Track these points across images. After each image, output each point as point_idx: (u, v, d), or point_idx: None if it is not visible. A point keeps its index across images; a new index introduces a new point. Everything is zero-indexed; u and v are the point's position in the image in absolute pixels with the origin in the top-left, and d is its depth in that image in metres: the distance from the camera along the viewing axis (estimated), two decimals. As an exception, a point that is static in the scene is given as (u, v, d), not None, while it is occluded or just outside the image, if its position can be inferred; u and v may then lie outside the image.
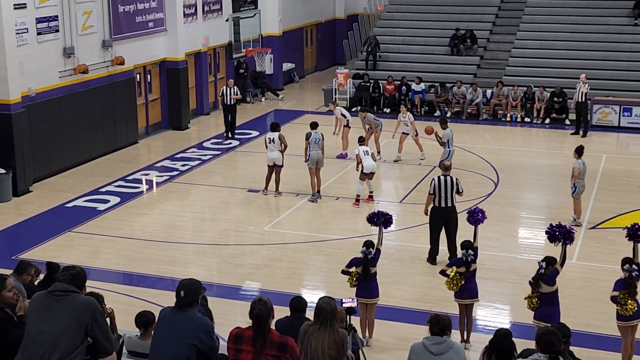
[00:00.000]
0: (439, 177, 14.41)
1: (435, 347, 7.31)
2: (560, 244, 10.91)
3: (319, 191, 18.39)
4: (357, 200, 17.98)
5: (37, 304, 6.73)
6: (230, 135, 24.37)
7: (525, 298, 10.74)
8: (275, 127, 18.68)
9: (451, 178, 14.36)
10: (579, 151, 16.67)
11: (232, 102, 24.67)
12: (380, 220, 12.05)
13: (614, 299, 10.53)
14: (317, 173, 18.32)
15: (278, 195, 18.61)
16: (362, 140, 18.56)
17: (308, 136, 18.29)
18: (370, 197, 18.16)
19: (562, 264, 10.76)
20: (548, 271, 10.56)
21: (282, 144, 18.42)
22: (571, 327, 8.27)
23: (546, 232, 11.09)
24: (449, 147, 18.86)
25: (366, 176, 17.85)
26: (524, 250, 15.75)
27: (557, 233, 10.87)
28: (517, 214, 17.75)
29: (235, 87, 24.99)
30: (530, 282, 10.79)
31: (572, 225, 16.32)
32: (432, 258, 14.68)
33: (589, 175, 19.75)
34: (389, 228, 12.46)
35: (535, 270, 10.68)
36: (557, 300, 10.66)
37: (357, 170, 17.87)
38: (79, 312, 6.57)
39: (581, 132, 24.19)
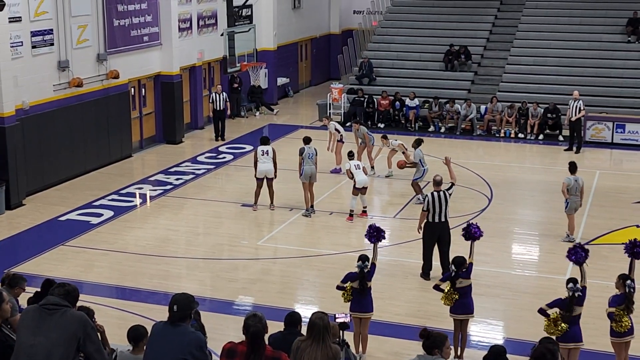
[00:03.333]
0: (432, 194, 14.38)
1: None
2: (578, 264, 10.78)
3: (312, 206, 18.38)
4: (351, 215, 17.97)
5: (29, 318, 6.70)
6: (221, 138, 25.40)
7: (552, 329, 10.39)
8: (267, 141, 18.74)
9: (444, 193, 14.37)
10: (570, 167, 16.76)
11: (222, 108, 25.10)
12: (376, 236, 12.04)
13: (611, 316, 10.50)
14: (311, 188, 18.33)
15: (273, 209, 18.60)
16: (351, 155, 18.59)
17: (302, 151, 18.29)
18: (364, 212, 18.16)
19: (586, 281, 10.63)
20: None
21: (274, 157, 18.48)
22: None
23: (568, 257, 10.90)
24: (423, 166, 18.87)
25: (359, 191, 17.86)
26: (518, 266, 15.75)
27: (582, 255, 10.69)
28: (511, 230, 17.76)
29: (223, 92, 25.46)
30: (541, 310, 10.61)
31: (565, 241, 16.39)
32: (425, 273, 14.67)
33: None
34: (382, 242, 12.46)
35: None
36: (579, 319, 10.56)
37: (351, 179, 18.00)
38: (71, 326, 6.57)
39: (574, 149, 24.26)
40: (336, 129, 21.99)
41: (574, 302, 10.40)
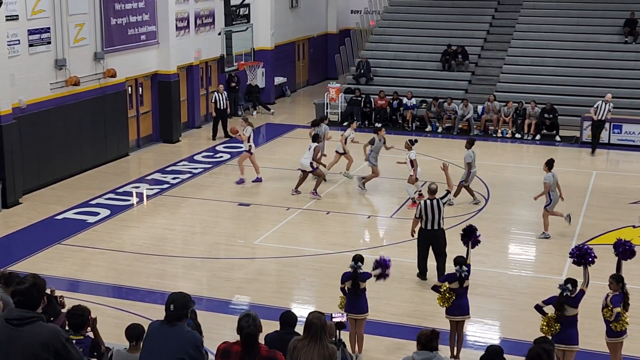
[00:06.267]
0: (425, 202, 14.23)
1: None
2: (582, 265, 10.84)
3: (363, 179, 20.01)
4: (414, 201, 18.51)
5: None
6: (226, 136, 25.60)
7: (543, 328, 10.48)
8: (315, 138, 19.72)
9: (437, 201, 14.17)
10: (549, 164, 16.74)
11: (224, 107, 25.12)
12: (381, 271, 11.92)
13: (618, 316, 10.51)
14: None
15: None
16: (414, 142, 19.05)
17: (372, 141, 19.73)
18: (420, 194, 18.73)
19: (586, 285, 10.67)
20: (572, 293, 10.45)
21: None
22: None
23: (571, 256, 11.03)
24: (472, 169, 18.87)
25: (417, 180, 18.83)
26: (514, 266, 15.77)
27: (585, 258, 10.77)
28: (508, 230, 17.77)
29: (224, 92, 25.77)
30: (537, 307, 10.69)
31: (541, 238, 16.54)
32: (422, 274, 14.61)
33: (578, 192, 19.94)
34: (381, 244, 12.47)
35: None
36: (577, 321, 10.58)
37: (412, 174, 18.67)
38: (38, 350, 5.73)
39: (591, 149, 24.09)
40: (249, 137, 20.51)
41: (563, 301, 10.43)
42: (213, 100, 25.79)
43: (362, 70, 29.90)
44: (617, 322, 10.51)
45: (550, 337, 10.30)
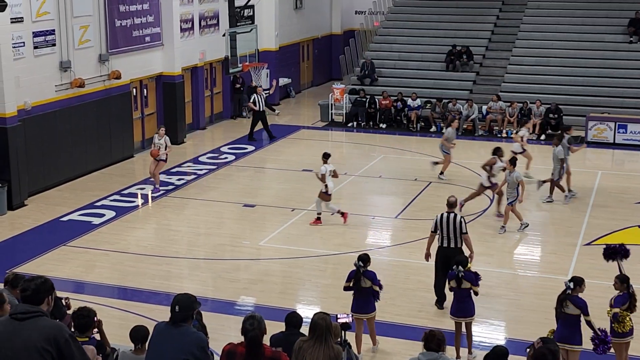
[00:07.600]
0: (442, 214, 13.12)
1: (431, 363, 7.32)
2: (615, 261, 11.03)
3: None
4: (319, 218, 17.58)
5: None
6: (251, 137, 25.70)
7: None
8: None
9: (455, 216, 13.05)
10: (514, 162, 17.33)
11: (262, 109, 25.61)
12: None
13: (615, 316, 10.50)
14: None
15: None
16: (327, 156, 17.62)
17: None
18: (343, 214, 17.59)
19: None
20: (576, 292, 10.42)
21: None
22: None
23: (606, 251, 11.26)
24: (565, 164, 18.96)
25: (328, 197, 17.40)
26: (519, 267, 15.75)
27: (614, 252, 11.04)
28: (513, 230, 17.74)
29: (262, 94, 26.12)
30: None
31: (522, 230, 16.98)
32: (439, 302, 13.40)
33: (583, 191, 19.95)
34: (385, 242, 12.42)
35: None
36: (580, 321, 10.52)
37: (324, 190, 17.33)
38: (41, 343, 5.68)
39: None
40: (167, 146, 20.14)
41: (564, 297, 10.45)
42: (252, 102, 25.77)
43: (367, 71, 29.91)
44: (617, 323, 10.49)
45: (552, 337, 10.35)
